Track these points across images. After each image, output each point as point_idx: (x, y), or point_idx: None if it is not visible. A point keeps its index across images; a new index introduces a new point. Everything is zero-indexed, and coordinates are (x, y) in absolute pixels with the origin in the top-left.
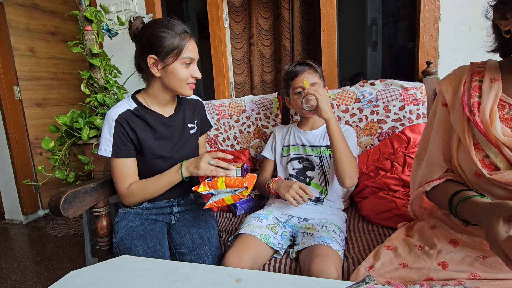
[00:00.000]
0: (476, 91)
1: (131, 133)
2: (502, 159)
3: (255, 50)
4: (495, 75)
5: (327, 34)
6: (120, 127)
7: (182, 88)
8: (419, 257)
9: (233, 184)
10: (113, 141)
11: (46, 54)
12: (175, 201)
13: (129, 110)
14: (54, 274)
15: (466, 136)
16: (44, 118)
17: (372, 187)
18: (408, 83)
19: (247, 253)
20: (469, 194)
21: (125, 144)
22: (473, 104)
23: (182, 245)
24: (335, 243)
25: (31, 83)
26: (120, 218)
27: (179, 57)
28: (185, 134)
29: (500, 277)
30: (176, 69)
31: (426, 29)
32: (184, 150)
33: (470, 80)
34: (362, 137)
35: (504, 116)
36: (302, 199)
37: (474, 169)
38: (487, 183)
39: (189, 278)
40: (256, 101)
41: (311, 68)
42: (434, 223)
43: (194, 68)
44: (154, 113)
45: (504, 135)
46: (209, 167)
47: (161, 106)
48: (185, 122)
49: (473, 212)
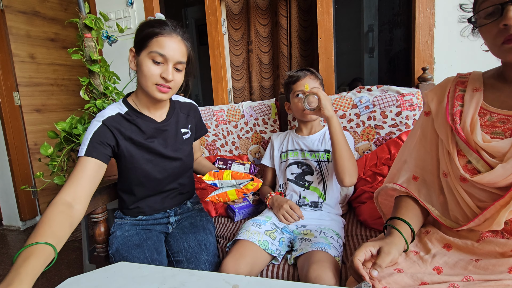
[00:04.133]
0: (459, 100)
1: (117, 137)
2: (483, 164)
3: (254, 56)
4: (476, 85)
5: (324, 40)
6: (104, 128)
7: (148, 88)
8: (414, 262)
9: (239, 176)
10: (90, 139)
11: (46, 60)
12: (172, 211)
13: (120, 114)
14: (51, 280)
15: (450, 144)
16: (43, 124)
17: (370, 192)
18: (405, 89)
19: (245, 259)
20: (390, 223)
21: (103, 145)
22: (455, 113)
23: (180, 253)
24: (332, 249)
25: (31, 89)
26: (116, 228)
27: (146, 49)
28: (178, 139)
29: (492, 278)
30: (142, 63)
31: (422, 36)
32: (177, 156)
33: (454, 90)
34: (359, 142)
35: (485, 123)
36: (292, 218)
37: (459, 174)
38: (471, 187)
39: (186, 284)
40: (254, 107)
41: (313, 74)
42: (429, 229)
43: (166, 68)
44: (146, 118)
45: (483, 141)
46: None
47: (152, 109)
48: (178, 127)
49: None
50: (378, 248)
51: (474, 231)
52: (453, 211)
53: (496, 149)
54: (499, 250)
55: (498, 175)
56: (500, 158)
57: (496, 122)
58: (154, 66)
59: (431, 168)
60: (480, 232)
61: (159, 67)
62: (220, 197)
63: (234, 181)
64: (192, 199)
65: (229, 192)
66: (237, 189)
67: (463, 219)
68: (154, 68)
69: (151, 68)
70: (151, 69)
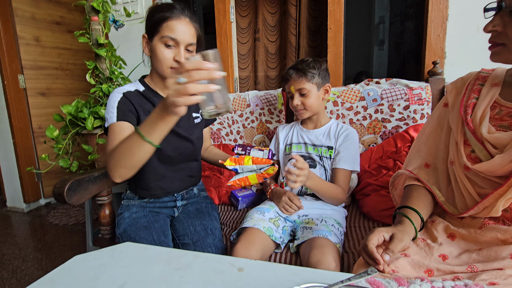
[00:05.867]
0: (475, 93)
1: (138, 110)
2: (485, 154)
3: (260, 45)
4: (496, 81)
5: (334, 31)
6: (126, 99)
7: (164, 72)
8: (421, 249)
9: (260, 161)
10: (117, 108)
11: (51, 44)
12: (179, 195)
13: (138, 91)
14: (55, 261)
15: (458, 133)
16: (48, 108)
17: (374, 185)
18: (414, 83)
19: (254, 246)
20: (400, 211)
21: (130, 111)
22: (469, 105)
23: (186, 236)
24: (333, 236)
25: (36, 72)
26: (124, 209)
27: (158, 34)
28: (190, 122)
29: (495, 266)
30: (156, 48)
31: (434, 29)
32: (188, 137)
33: (473, 83)
34: (365, 135)
35: (494, 116)
36: (292, 208)
37: (463, 162)
38: (474, 175)
39: (191, 266)
40: (261, 97)
41: (298, 73)
42: (434, 218)
43: (179, 51)
44: (162, 98)
45: (488, 133)
46: (175, 86)
47: (165, 91)
48: (190, 110)
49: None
50: (391, 234)
51: (477, 219)
52: (457, 199)
53: (498, 140)
54: (500, 236)
55: (495, 164)
56: (502, 149)
57: (505, 115)
58: (166, 50)
59: (443, 156)
60: (482, 219)
61: (171, 51)
62: (241, 182)
63: (255, 166)
64: (198, 185)
65: (250, 176)
66: (258, 174)
67: (464, 207)
68: (167, 52)
69: (164, 52)
70: (165, 53)
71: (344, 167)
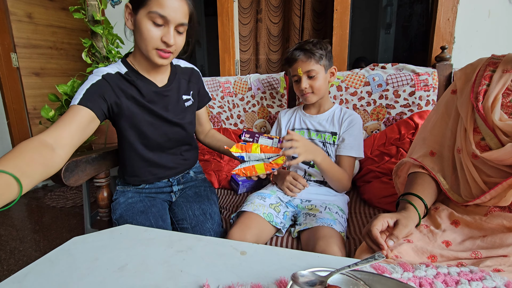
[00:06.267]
0: (486, 79)
1: (118, 94)
2: (496, 142)
3: (263, 26)
4: (508, 67)
5: (340, 12)
6: (104, 82)
7: (149, 53)
8: (424, 235)
9: (269, 150)
10: (86, 90)
11: (44, 22)
12: (174, 180)
13: (119, 74)
14: (53, 243)
15: (468, 120)
16: (42, 88)
17: (376, 172)
18: (420, 68)
19: (250, 230)
20: (404, 198)
21: (101, 98)
22: (480, 91)
23: (185, 221)
24: (338, 224)
25: (29, 51)
26: (118, 195)
27: (144, 7)
28: (180, 106)
29: (500, 253)
30: (141, 23)
31: (444, 13)
32: (178, 122)
33: (484, 70)
34: (368, 121)
35: (506, 104)
36: (296, 188)
37: (471, 150)
38: (482, 163)
39: (193, 249)
40: (262, 80)
41: (306, 54)
42: (437, 206)
43: (168, 31)
44: (147, 80)
45: (500, 120)
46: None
47: (152, 73)
48: (179, 93)
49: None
50: (395, 220)
51: (482, 206)
52: (462, 187)
53: (510, 128)
54: (506, 224)
55: (506, 152)
56: None
57: None
58: (154, 28)
59: (449, 144)
60: (488, 206)
61: (159, 30)
62: (247, 171)
63: (263, 154)
64: (194, 168)
65: (257, 166)
66: (266, 163)
67: (469, 196)
68: (154, 30)
69: (151, 30)
70: (151, 32)
71: (350, 154)
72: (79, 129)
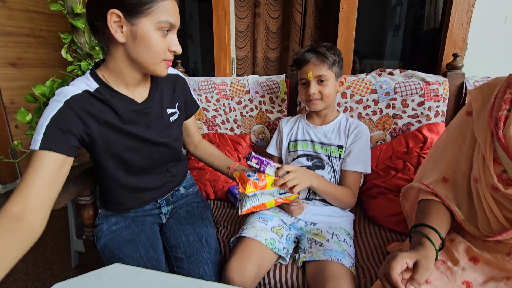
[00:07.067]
0: (507, 104)
1: (86, 122)
2: None
3: (261, 22)
4: None
5: (347, 12)
6: (67, 111)
7: (156, 66)
8: (442, 273)
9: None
10: (46, 127)
11: (19, 6)
12: (163, 201)
13: (88, 92)
14: (36, 252)
15: (487, 149)
16: (20, 80)
17: (382, 187)
18: (431, 77)
19: (251, 260)
20: (419, 229)
21: (65, 133)
22: (500, 117)
23: (178, 248)
24: (347, 257)
25: (3, 38)
26: (101, 220)
27: (150, 16)
28: (164, 122)
29: None
30: (149, 36)
31: (458, 16)
32: (163, 142)
33: (504, 92)
34: (374, 131)
35: None
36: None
37: (491, 182)
38: (503, 198)
39: None
40: (261, 83)
41: (319, 58)
42: (453, 236)
43: (173, 39)
44: (123, 97)
45: None
46: None
47: (130, 87)
48: (163, 107)
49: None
50: (414, 260)
51: (503, 243)
52: (480, 220)
53: None
54: None
55: None
56: None
57: None
58: (163, 39)
59: (464, 171)
60: (511, 244)
61: (166, 38)
62: (257, 208)
63: (275, 189)
64: (184, 182)
65: (268, 203)
66: (276, 200)
67: (488, 230)
68: (162, 41)
69: (160, 41)
70: (160, 43)
71: (355, 169)
72: (49, 181)
